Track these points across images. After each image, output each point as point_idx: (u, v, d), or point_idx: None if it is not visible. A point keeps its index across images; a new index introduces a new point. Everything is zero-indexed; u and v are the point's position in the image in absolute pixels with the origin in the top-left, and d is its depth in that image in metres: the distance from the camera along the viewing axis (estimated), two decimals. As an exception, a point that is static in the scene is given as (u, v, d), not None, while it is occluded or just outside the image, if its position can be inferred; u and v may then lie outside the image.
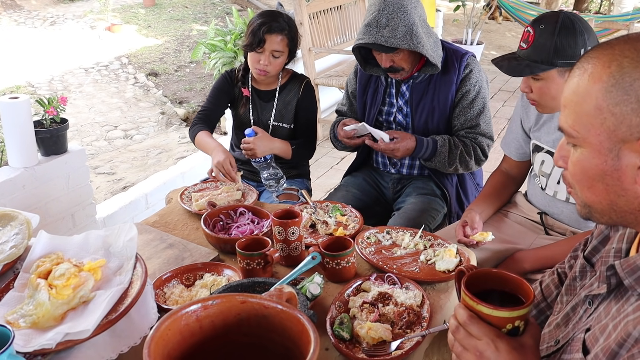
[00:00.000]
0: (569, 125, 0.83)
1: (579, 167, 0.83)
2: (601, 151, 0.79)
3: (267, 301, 0.92)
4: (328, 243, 1.49)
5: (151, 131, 5.66)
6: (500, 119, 5.22)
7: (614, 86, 0.77)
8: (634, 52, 0.77)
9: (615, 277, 0.84)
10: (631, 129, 0.76)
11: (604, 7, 11.65)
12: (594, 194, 0.83)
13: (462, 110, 2.02)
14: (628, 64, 0.76)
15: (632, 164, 0.77)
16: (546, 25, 1.56)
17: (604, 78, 0.78)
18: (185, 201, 1.93)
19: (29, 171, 2.41)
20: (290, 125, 2.30)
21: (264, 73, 2.17)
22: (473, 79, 2.01)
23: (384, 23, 1.86)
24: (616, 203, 0.81)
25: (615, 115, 0.77)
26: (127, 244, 1.29)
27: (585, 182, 0.83)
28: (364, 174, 2.26)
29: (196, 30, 8.60)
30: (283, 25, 2.14)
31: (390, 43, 1.86)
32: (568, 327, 0.96)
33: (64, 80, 6.81)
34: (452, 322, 0.93)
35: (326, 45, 4.71)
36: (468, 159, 2.01)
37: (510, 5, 7.24)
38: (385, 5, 1.88)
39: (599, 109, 0.78)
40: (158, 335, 0.85)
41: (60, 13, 9.34)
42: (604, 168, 0.79)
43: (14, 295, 1.23)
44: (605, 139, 0.78)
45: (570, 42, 1.54)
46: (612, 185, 0.80)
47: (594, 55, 0.81)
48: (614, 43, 0.80)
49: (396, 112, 2.12)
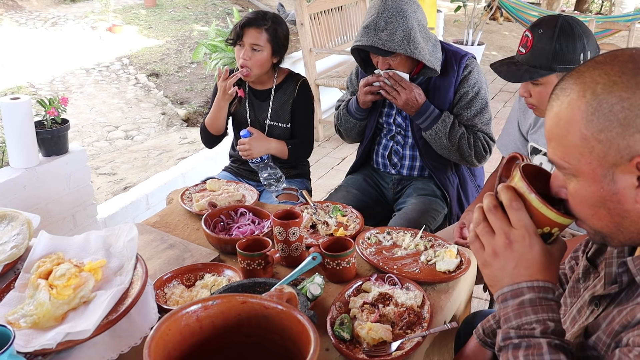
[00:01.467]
0: (559, 158, 0.82)
1: (578, 198, 0.83)
2: (596, 178, 0.79)
3: (268, 301, 0.92)
4: (328, 243, 1.50)
5: (152, 132, 5.66)
6: (500, 119, 5.21)
7: (593, 114, 0.76)
8: (604, 77, 0.77)
9: (627, 274, 0.83)
10: (620, 152, 0.76)
11: (605, 7, 11.64)
12: (599, 220, 0.82)
13: (459, 111, 2.02)
14: (602, 90, 0.76)
15: (629, 185, 0.77)
16: (545, 29, 1.55)
17: (582, 107, 0.77)
18: (186, 202, 1.93)
19: (29, 172, 2.42)
20: (287, 124, 2.30)
21: (247, 71, 2.17)
22: (472, 80, 2.00)
23: (382, 26, 1.86)
24: (622, 225, 0.80)
25: (602, 142, 0.76)
26: (128, 244, 1.29)
27: (588, 211, 0.82)
28: (364, 175, 2.26)
29: (197, 31, 8.61)
30: (263, 21, 2.16)
31: (387, 47, 1.86)
32: (574, 329, 0.96)
33: (65, 81, 6.81)
34: (489, 200, 0.87)
35: (327, 45, 4.71)
36: (467, 147, 2.00)
37: (511, 6, 7.23)
38: (385, 8, 1.87)
39: (584, 139, 0.78)
40: (158, 335, 0.86)
41: (62, 14, 9.35)
42: (602, 194, 0.79)
43: (15, 295, 1.23)
44: (597, 167, 0.78)
45: (569, 46, 1.53)
46: (613, 209, 0.79)
47: (565, 86, 0.81)
48: (583, 70, 0.80)
49: (395, 114, 2.12)
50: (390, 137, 2.15)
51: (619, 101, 0.75)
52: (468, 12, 6.64)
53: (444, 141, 1.99)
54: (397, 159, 2.17)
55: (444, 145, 2.00)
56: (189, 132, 5.57)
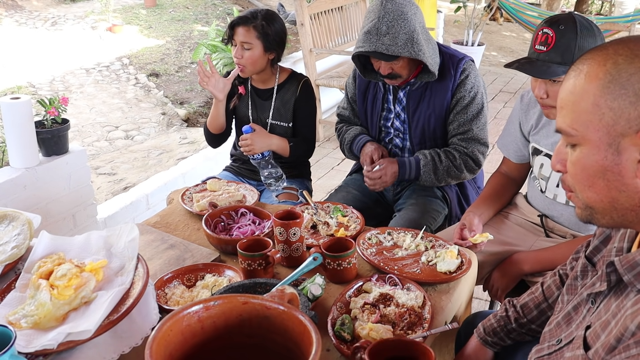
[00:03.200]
0: (567, 125, 0.83)
1: (579, 166, 0.84)
2: (600, 147, 0.80)
3: (269, 302, 0.92)
4: (329, 244, 1.50)
5: (152, 132, 5.66)
6: (500, 119, 5.22)
7: (611, 82, 0.78)
8: (627, 50, 0.79)
9: (615, 274, 0.85)
10: (630, 122, 0.77)
11: (605, 8, 11.65)
12: (595, 192, 0.83)
13: (455, 116, 2.00)
14: (623, 60, 0.78)
15: (632, 157, 0.78)
16: (565, 26, 1.52)
17: (600, 75, 0.79)
18: (186, 202, 1.93)
19: (30, 171, 2.41)
20: (289, 124, 2.30)
21: (241, 67, 2.21)
22: (468, 84, 1.98)
23: (385, 31, 1.83)
24: (617, 200, 0.81)
25: (613, 110, 0.78)
26: (129, 244, 1.29)
27: (586, 181, 0.83)
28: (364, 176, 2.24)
29: (197, 31, 8.60)
30: (252, 19, 2.17)
31: (391, 51, 1.83)
32: (571, 327, 0.96)
33: (65, 81, 6.81)
34: None
35: (327, 46, 4.71)
36: (458, 172, 1.99)
37: (511, 7, 7.23)
38: (386, 12, 1.84)
39: (596, 105, 0.79)
40: (160, 335, 0.86)
41: (62, 14, 9.35)
42: (604, 164, 0.80)
43: (16, 295, 1.23)
44: (604, 135, 0.79)
45: (592, 42, 1.51)
46: (613, 181, 0.80)
47: (588, 57, 0.83)
48: (607, 45, 0.82)
49: (394, 118, 2.10)
50: (389, 139, 2.15)
51: (638, 71, 0.76)
52: (468, 13, 6.64)
53: (435, 181, 2.00)
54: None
55: (438, 181, 2.01)
56: (189, 132, 5.57)
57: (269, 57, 2.24)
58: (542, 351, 1.01)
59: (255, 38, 2.17)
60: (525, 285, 1.76)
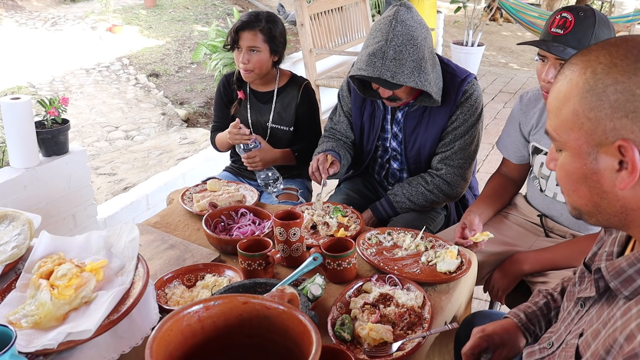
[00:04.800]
0: (552, 129, 0.85)
1: (563, 171, 0.85)
2: (580, 154, 0.81)
3: (269, 302, 0.92)
4: (329, 244, 1.50)
5: (152, 132, 5.66)
6: (500, 120, 5.22)
7: (588, 92, 0.79)
8: (607, 58, 0.78)
9: (602, 280, 0.85)
10: (606, 133, 0.77)
11: (604, 8, 11.65)
12: (579, 196, 0.84)
13: (441, 148, 1.94)
14: (601, 70, 0.78)
15: (609, 167, 0.79)
16: (585, 13, 1.52)
17: (580, 84, 0.80)
18: (186, 202, 1.93)
19: (30, 172, 2.42)
20: (290, 127, 2.30)
21: (248, 71, 2.19)
22: (466, 107, 1.88)
23: (391, 56, 1.69)
24: (600, 205, 0.82)
25: (590, 120, 0.78)
26: (129, 244, 1.29)
27: (570, 185, 0.85)
28: (363, 180, 2.23)
29: (197, 31, 8.60)
30: (257, 22, 2.16)
31: (396, 79, 1.70)
32: (560, 329, 0.96)
33: (65, 81, 6.81)
34: None
35: (327, 46, 4.71)
36: (433, 197, 1.95)
37: (511, 7, 7.23)
38: (395, 35, 1.70)
39: (575, 114, 0.80)
40: (160, 335, 0.86)
41: (62, 14, 9.35)
42: (584, 171, 0.81)
43: (16, 295, 1.23)
44: (583, 143, 0.80)
45: (607, 34, 1.51)
46: (593, 187, 0.82)
47: (574, 61, 0.83)
48: (594, 48, 0.82)
49: (390, 138, 2.03)
50: (386, 160, 2.10)
51: (614, 83, 0.76)
52: (468, 13, 6.64)
53: (412, 205, 1.97)
54: (394, 181, 2.14)
55: (416, 205, 1.97)
56: (189, 132, 5.57)
57: (273, 59, 2.24)
58: (533, 354, 1.01)
59: (262, 42, 2.16)
60: (526, 285, 1.76)
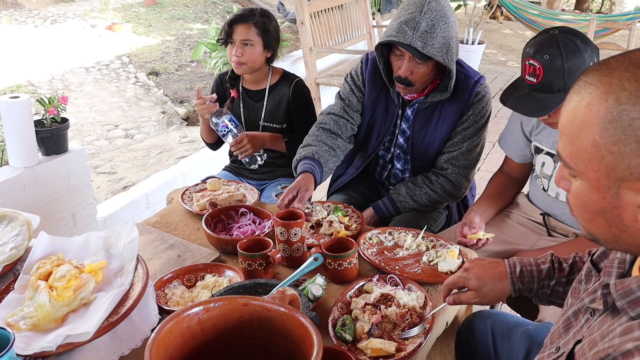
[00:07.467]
0: (567, 156, 0.78)
1: (579, 200, 0.80)
2: (600, 188, 0.75)
3: (270, 303, 0.92)
4: (330, 244, 1.49)
5: (152, 130, 5.65)
6: (501, 119, 5.21)
7: (611, 123, 0.71)
8: (633, 84, 0.70)
9: (610, 297, 0.82)
10: (630, 169, 0.71)
11: (605, 6, 11.64)
12: (596, 226, 0.80)
13: (450, 147, 1.93)
14: (626, 99, 0.70)
15: (632, 202, 0.73)
16: (550, 53, 1.51)
17: (601, 112, 0.72)
18: (186, 201, 1.92)
19: (29, 171, 2.41)
20: (282, 125, 2.29)
21: (241, 65, 2.19)
22: (477, 108, 1.89)
23: (424, 27, 1.68)
24: (619, 237, 0.78)
25: (613, 154, 0.72)
26: (128, 245, 1.28)
27: (587, 215, 0.80)
28: (364, 180, 2.22)
29: (197, 30, 8.60)
30: (251, 16, 2.18)
31: (426, 51, 1.68)
32: (569, 335, 0.95)
33: (64, 80, 6.80)
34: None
35: (327, 44, 4.70)
36: (436, 197, 1.93)
37: (512, 5, 7.23)
38: (429, 9, 1.70)
39: (596, 146, 0.73)
40: (160, 337, 0.85)
41: (61, 12, 9.34)
42: (604, 205, 0.76)
43: (14, 297, 1.22)
44: (603, 176, 0.74)
45: (579, 61, 1.50)
46: (612, 221, 0.77)
47: (591, 81, 0.75)
48: (615, 67, 0.74)
49: (398, 134, 2.00)
50: (389, 159, 2.08)
51: None
52: (468, 11, 6.63)
53: (414, 204, 1.94)
54: (396, 182, 2.12)
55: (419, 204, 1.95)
56: (188, 130, 5.57)
57: (266, 55, 2.23)
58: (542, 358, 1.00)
59: (256, 35, 2.17)
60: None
